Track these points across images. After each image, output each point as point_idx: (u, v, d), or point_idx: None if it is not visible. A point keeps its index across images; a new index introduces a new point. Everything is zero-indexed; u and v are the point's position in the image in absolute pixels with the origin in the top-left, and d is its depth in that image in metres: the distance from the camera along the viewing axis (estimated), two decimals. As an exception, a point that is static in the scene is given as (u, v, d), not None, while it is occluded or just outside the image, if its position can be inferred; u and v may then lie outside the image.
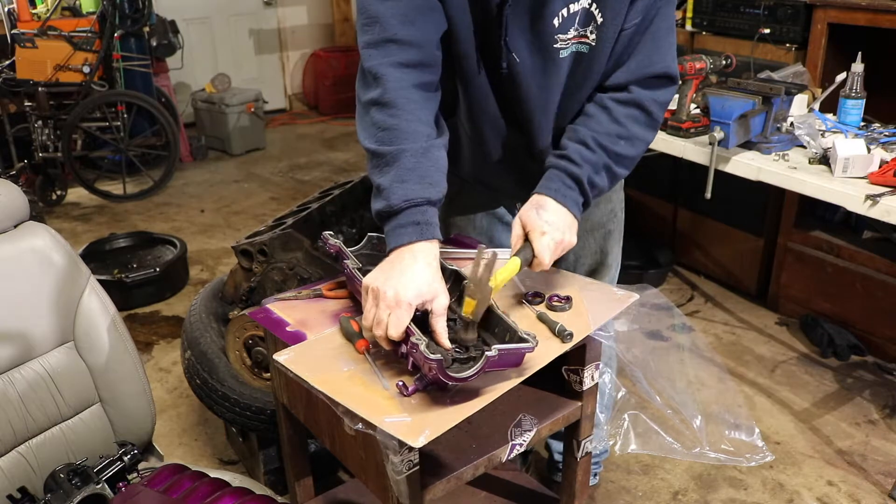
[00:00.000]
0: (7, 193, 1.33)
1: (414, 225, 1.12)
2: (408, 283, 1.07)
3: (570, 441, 1.32)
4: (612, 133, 1.29)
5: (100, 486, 1.25)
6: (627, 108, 1.31)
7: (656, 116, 1.33)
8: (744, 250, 3.06)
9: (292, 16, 6.33)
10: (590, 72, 1.32)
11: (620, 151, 1.30)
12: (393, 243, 1.12)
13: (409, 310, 1.05)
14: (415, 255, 1.10)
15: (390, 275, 1.08)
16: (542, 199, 1.25)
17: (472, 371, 0.98)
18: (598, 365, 1.25)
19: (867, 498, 2.05)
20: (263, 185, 4.74)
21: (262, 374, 1.93)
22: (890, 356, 2.61)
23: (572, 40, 1.27)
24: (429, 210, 1.14)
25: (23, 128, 4.30)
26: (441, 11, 1.22)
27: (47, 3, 4.57)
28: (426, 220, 1.13)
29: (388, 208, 1.13)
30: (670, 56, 1.32)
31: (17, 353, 1.30)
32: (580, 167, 1.27)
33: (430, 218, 1.14)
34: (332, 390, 1.03)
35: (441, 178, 1.18)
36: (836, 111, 2.25)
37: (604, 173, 1.29)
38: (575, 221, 1.26)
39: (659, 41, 1.29)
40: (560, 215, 1.24)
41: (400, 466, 0.99)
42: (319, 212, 2.07)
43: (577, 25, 1.25)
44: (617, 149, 1.29)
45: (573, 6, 1.22)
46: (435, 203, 1.16)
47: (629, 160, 1.33)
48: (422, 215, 1.13)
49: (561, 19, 1.23)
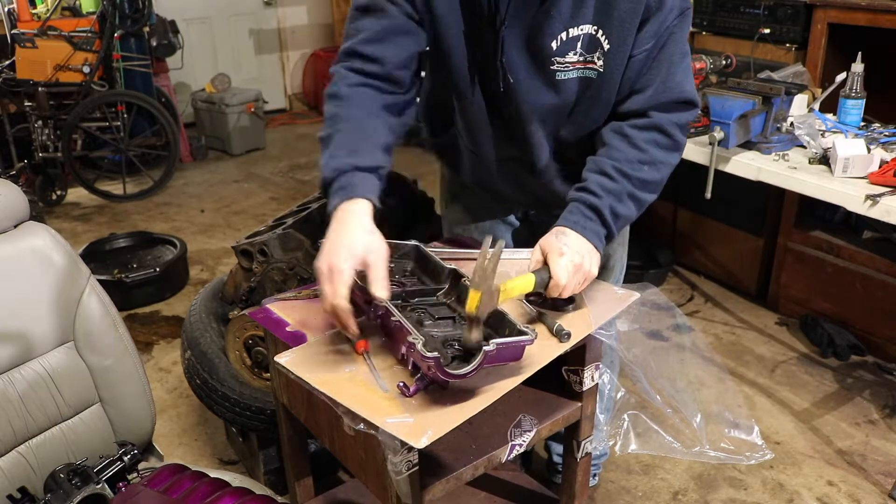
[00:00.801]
0: (7, 193, 1.33)
1: (341, 190, 1.15)
2: (337, 248, 1.08)
3: (570, 441, 1.32)
4: (633, 159, 1.28)
5: (100, 486, 1.25)
6: (647, 133, 1.29)
7: (678, 139, 1.31)
8: (744, 250, 3.07)
9: (292, 16, 6.33)
10: (598, 98, 1.31)
11: (644, 177, 1.28)
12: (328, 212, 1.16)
13: (342, 274, 1.05)
14: (340, 219, 1.12)
15: (324, 249, 1.10)
16: (563, 229, 1.24)
17: (471, 367, 0.98)
18: (598, 365, 1.25)
19: (867, 498, 2.05)
20: (263, 185, 4.74)
21: (262, 374, 1.93)
22: (890, 356, 2.61)
23: (575, 65, 1.26)
24: (356, 174, 1.16)
25: (23, 128, 4.30)
26: (417, 35, 1.27)
27: (47, 3, 4.57)
28: (351, 182, 1.15)
29: (322, 183, 1.18)
30: (687, 81, 1.30)
31: (17, 353, 1.30)
32: (600, 198, 1.25)
33: (356, 181, 1.15)
34: (333, 391, 1.03)
35: (371, 147, 1.20)
36: (836, 111, 2.25)
37: (629, 201, 1.28)
38: (596, 252, 1.24)
39: (673, 67, 1.28)
40: (580, 243, 1.23)
41: (399, 466, 0.99)
42: (319, 212, 2.07)
43: (580, 50, 1.25)
44: (640, 175, 1.28)
45: (573, 30, 1.23)
46: (363, 168, 1.17)
47: (653, 185, 1.31)
48: (347, 179, 1.15)
49: (559, 42, 1.24)
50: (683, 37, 1.29)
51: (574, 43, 1.24)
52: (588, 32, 1.23)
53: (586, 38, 1.24)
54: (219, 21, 5.99)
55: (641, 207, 1.31)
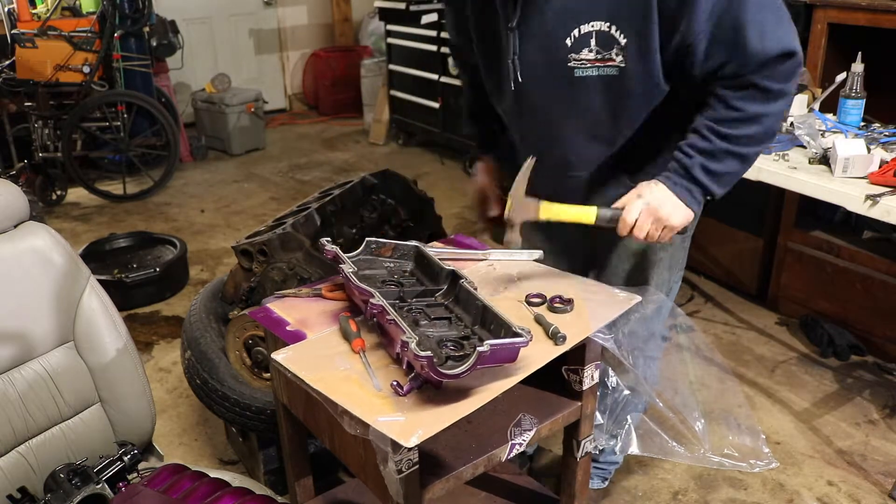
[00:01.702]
0: (7, 193, 1.33)
1: None
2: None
3: (570, 441, 1.32)
4: (726, 118, 1.28)
5: (100, 486, 1.25)
6: (741, 91, 1.27)
7: (776, 89, 1.27)
8: (744, 250, 3.06)
9: (292, 16, 6.34)
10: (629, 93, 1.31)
11: (741, 133, 1.28)
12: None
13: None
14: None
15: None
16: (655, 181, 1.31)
17: (464, 367, 0.98)
18: (598, 365, 1.25)
19: (867, 498, 2.05)
20: (263, 185, 4.74)
21: (262, 374, 1.93)
22: (890, 356, 2.61)
23: (593, 62, 1.27)
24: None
25: (23, 128, 4.31)
26: None
27: (47, 3, 4.57)
28: None
29: None
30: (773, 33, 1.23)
31: (17, 353, 1.30)
32: (690, 157, 1.29)
33: None
34: (327, 389, 1.03)
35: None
36: (836, 111, 2.25)
37: (728, 159, 1.29)
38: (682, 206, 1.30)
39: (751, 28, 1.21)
40: (665, 194, 1.29)
41: (399, 465, 0.99)
42: (319, 212, 2.07)
43: (595, 47, 1.25)
44: (736, 132, 1.28)
45: (585, 27, 1.23)
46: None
47: (757, 138, 1.30)
48: None
49: (573, 39, 1.25)
50: None
51: (587, 39, 1.25)
52: (600, 29, 1.23)
53: (600, 36, 1.24)
54: (219, 21, 5.99)
55: (748, 161, 1.33)
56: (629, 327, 1.41)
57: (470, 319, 1.16)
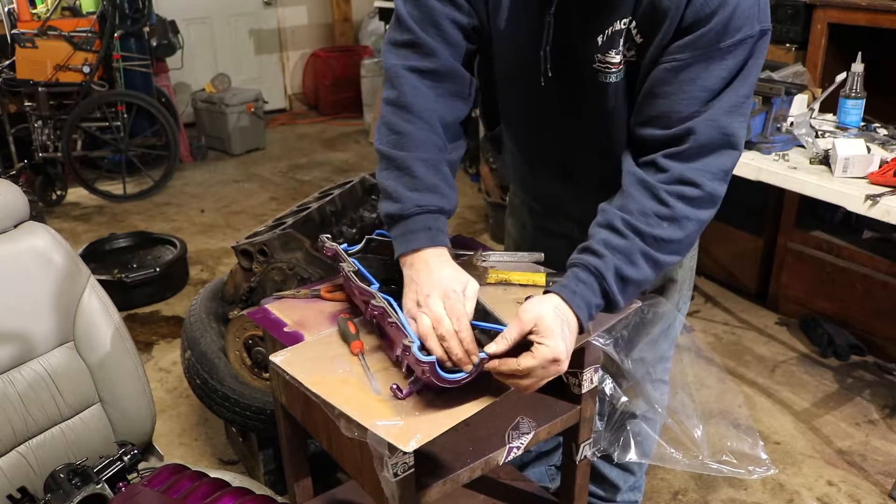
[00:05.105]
0: (7, 193, 1.33)
1: (426, 230, 1.11)
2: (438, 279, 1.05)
3: (569, 444, 1.32)
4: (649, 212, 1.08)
5: (100, 486, 1.25)
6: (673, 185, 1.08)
7: (710, 190, 1.08)
8: (744, 250, 3.06)
9: (292, 16, 6.33)
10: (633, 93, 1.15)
11: (662, 235, 1.08)
12: (402, 249, 1.11)
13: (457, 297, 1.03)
14: (427, 261, 1.09)
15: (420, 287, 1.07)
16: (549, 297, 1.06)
17: (466, 373, 0.98)
18: (597, 368, 1.25)
19: (867, 498, 2.05)
20: (263, 185, 4.74)
21: (261, 374, 1.93)
22: (890, 356, 2.61)
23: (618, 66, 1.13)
24: (440, 218, 1.13)
25: (23, 128, 4.30)
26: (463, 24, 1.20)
27: (47, 3, 4.57)
28: (437, 226, 1.12)
29: (399, 212, 1.12)
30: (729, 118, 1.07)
31: (17, 353, 1.30)
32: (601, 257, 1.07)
33: (441, 225, 1.12)
34: (325, 392, 1.03)
35: (450, 192, 1.15)
36: (836, 111, 2.25)
37: (642, 262, 1.08)
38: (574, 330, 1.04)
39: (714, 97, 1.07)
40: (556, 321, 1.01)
41: (395, 469, 0.98)
42: (319, 212, 2.07)
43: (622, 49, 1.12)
44: (657, 232, 1.07)
45: (617, 24, 1.10)
46: (447, 212, 1.14)
47: (675, 244, 1.09)
48: (434, 221, 1.11)
49: (605, 37, 1.11)
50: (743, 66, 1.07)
51: (616, 39, 1.11)
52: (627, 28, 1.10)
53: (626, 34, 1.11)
54: (219, 21, 5.99)
55: (659, 270, 1.10)
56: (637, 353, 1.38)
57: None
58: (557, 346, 0.99)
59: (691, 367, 1.37)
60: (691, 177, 1.08)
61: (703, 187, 1.08)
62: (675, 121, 1.08)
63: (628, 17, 1.09)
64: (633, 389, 1.25)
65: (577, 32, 1.14)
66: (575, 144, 1.29)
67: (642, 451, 1.28)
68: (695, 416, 1.24)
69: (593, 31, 1.12)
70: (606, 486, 1.74)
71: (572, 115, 1.24)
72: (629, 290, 1.09)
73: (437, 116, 1.17)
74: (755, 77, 1.10)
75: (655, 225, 1.07)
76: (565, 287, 1.07)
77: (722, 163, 1.09)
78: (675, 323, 1.41)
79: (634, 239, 1.07)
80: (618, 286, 1.07)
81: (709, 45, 1.05)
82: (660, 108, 1.10)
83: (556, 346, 0.99)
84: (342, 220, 2.15)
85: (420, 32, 1.17)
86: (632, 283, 1.08)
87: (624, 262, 1.07)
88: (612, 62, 1.13)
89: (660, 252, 1.08)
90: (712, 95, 1.07)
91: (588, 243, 1.10)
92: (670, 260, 1.11)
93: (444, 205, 1.14)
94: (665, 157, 1.09)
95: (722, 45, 1.04)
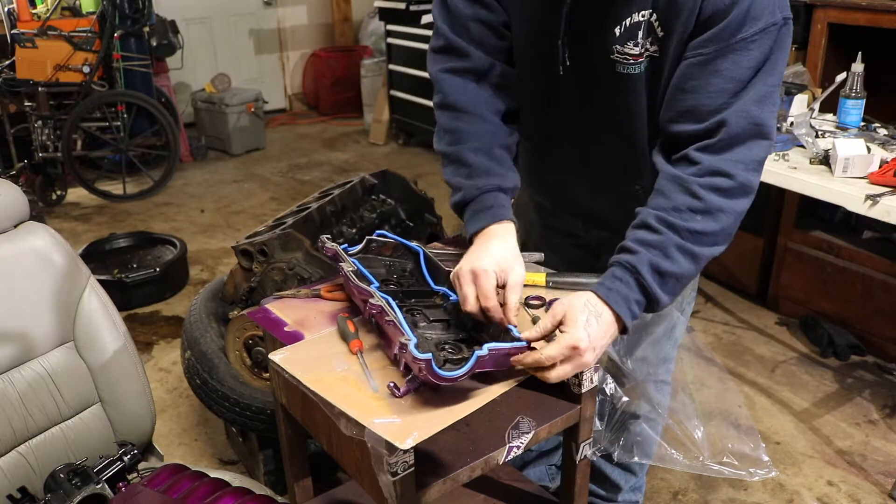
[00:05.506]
0: (7, 193, 1.33)
1: (487, 209, 1.19)
2: (483, 255, 1.12)
3: (569, 444, 1.32)
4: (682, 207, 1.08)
5: (100, 486, 1.25)
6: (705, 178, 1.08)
7: (743, 180, 1.08)
8: (744, 250, 3.06)
9: (292, 16, 6.34)
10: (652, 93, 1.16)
11: (697, 228, 1.07)
12: (471, 230, 1.20)
13: (486, 276, 1.08)
14: (489, 236, 1.16)
15: (469, 257, 1.14)
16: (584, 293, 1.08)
17: (463, 371, 0.97)
18: (597, 367, 1.25)
19: (867, 498, 2.05)
20: (263, 185, 4.74)
21: (262, 374, 1.93)
22: (890, 356, 2.61)
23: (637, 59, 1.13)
24: (499, 195, 1.20)
25: (23, 128, 4.31)
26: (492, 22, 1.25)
27: (47, 3, 4.57)
28: (498, 203, 1.19)
29: (462, 199, 1.21)
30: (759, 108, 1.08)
31: (17, 353, 1.30)
32: (635, 253, 1.08)
33: (501, 202, 1.20)
34: (323, 390, 1.03)
35: (504, 170, 1.23)
36: (836, 111, 2.25)
37: (679, 255, 1.07)
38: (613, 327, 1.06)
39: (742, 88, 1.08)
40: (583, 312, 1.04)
41: (395, 468, 0.98)
42: (319, 212, 2.07)
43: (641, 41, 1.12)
44: (691, 225, 1.07)
45: (636, 15, 1.11)
46: (505, 190, 1.21)
47: (712, 236, 1.09)
48: (493, 199, 1.19)
49: (623, 28, 1.11)
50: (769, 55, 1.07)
51: (635, 31, 1.11)
52: (648, 20, 1.11)
53: (646, 26, 1.11)
54: (219, 21, 5.99)
55: (698, 262, 1.10)
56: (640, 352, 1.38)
57: (469, 322, 1.15)
58: (577, 333, 1.01)
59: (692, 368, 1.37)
60: (724, 168, 1.08)
61: (735, 178, 1.08)
62: (706, 114, 1.09)
63: (648, 10, 1.10)
64: (635, 390, 1.25)
65: (595, 22, 1.15)
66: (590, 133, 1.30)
67: (643, 451, 1.27)
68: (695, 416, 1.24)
69: (611, 21, 1.13)
70: (607, 486, 1.74)
71: (589, 105, 1.25)
72: (669, 284, 1.09)
73: (482, 107, 1.24)
74: (783, 67, 1.11)
75: (689, 219, 1.08)
76: (601, 285, 1.08)
77: (754, 153, 1.09)
78: (678, 324, 1.41)
79: (668, 233, 1.08)
80: (655, 280, 1.07)
81: (731, 36, 1.06)
82: (689, 103, 1.11)
83: (576, 334, 1.01)
84: (342, 220, 2.15)
85: (452, 36, 1.25)
86: (670, 277, 1.08)
87: (659, 257, 1.07)
88: (631, 54, 1.13)
89: (696, 245, 1.08)
90: (741, 86, 1.08)
91: (623, 243, 1.11)
92: (710, 252, 1.11)
93: (502, 183, 1.21)
94: (697, 151, 1.10)
95: (744, 35, 1.05)
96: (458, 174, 1.22)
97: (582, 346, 1.01)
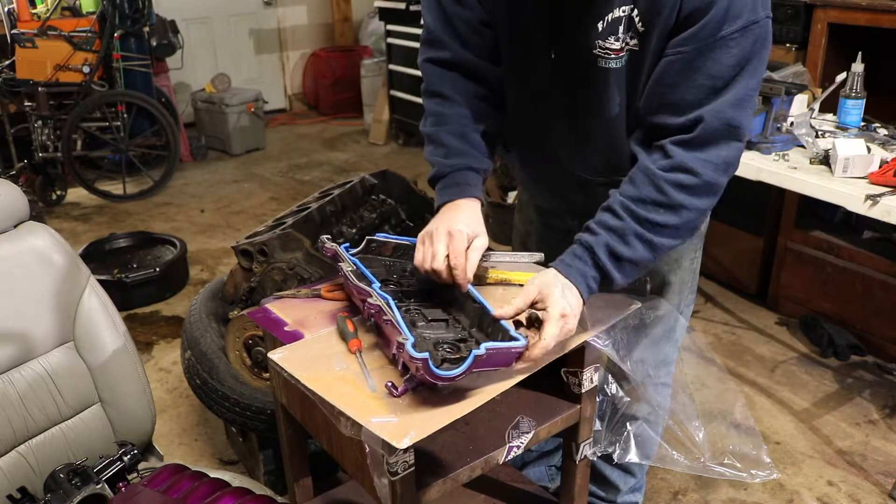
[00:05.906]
0: (7, 193, 1.33)
1: (456, 185, 1.27)
2: (456, 219, 1.20)
3: (569, 444, 1.32)
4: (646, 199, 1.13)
5: (100, 486, 1.25)
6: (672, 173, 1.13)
7: (709, 179, 1.12)
8: (744, 250, 3.06)
9: (292, 16, 6.34)
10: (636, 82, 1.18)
11: (657, 220, 1.13)
12: (439, 201, 1.28)
13: (461, 235, 1.16)
14: (456, 208, 1.24)
15: (441, 220, 1.21)
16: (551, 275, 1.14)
17: (460, 370, 0.97)
18: (597, 367, 1.25)
19: (867, 498, 2.05)
20: (263, 185, 4.74)
21: (262, 374, 1.93)
22: (890, 356, 2.61)
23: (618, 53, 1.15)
24: (469, 174, 1.28)
25: (23, 128, 4.30)
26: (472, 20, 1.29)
27: (47, 3, 4.57)
28: (466, 181, 1.27)
29: (436, 174, 1.30)
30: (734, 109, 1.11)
31: (17, 353, 1.30)
32: (595, 235, 1.15)
33: (470, 180, 1.28)
34: (321, 389, 1.03)
35: (478, 153, 1.30)
36: (836, 111, 2.25)
37: (636, 242, 1.13)
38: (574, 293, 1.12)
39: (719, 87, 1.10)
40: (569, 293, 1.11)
41: (395, 468, 0.98)
42: (319, 212, 2.07)
43: (622, 35, 1.14)
44: (652, 217, 1.13)
45: (617, 11, 1.12)
46: (476, 170, 1.29)
47: (671, 230, 1.14)
48: (463, 177, 1.27)
49: (605, 24, 1.14)
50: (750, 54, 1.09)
51: (616, 26, 1.13)
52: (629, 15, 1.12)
53: (626, 21, 1.13)
54: (219, 21, 5.99)
55: (655, 251, 1.15)
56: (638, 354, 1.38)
57: (468, 322, 1.15)
58: (559, 302, 1.09)
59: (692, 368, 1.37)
60: (692, 166, 1.12)
61: (701, 176, 1.12)
62: (686, 107, 1.12)
63: (629, 5, 1.12)
64: (635, 391, 1.25)
65: (578, 18, 1.17)
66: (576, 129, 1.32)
67: (644, 452, 1.27)
68: (696, 417, 1.24)
69: (594, 17, 1.15)
70: (607, 486, 1.74)
71: (573, 100, 1.28)
72: (625, 267, 1.15)
73: (460, 95, 1.32)
74: (762, 70, 1.13)
75: (652, 211, 1.14)
76: (561, 261, 1.17)
77: (725, 154, 1.13)
78: (677, 326, 1.42)
79: (629, 221, 1.14)
80: (610, 262, 1.14)
81: (711, 35, 1.07)
82: (670, 98, 1.14)
83: (558, 303, 1.09)
84: (342, 220, 2.15)
85: (434, 30, 1.33)
86: (626, 261, 1.15)
87: (616, 241, 1.14)
88: (612, 48, 1.16)
89: (655, 235, 1.14)
90: (721, 84, 1.10)
91: (588, 223, 1.19)
92: (669, 243, 1.17)
93: (472, 163, 1.29)
94: (673, 144, 1.14)
95: (724, 33, 1.07)
96: (435, 153, 1.32)
97: (567, 311, 1.09)
